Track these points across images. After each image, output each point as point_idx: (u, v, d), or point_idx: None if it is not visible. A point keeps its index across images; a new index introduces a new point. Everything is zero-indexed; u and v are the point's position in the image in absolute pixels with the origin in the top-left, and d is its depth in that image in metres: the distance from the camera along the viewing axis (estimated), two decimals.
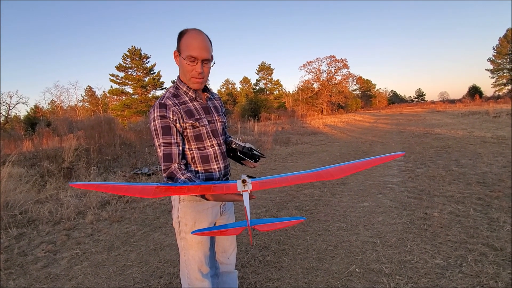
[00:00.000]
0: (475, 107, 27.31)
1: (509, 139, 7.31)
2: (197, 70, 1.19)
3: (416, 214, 3.02)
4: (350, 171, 0.98)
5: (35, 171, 5.49)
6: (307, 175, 0.99)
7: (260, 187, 0.98)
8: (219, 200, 1.11)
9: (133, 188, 0.97)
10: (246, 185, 0.96)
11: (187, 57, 1.17)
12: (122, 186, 0.98)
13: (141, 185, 0.98)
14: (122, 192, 0.95)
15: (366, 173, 4.95)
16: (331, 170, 0.99)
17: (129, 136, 9.97)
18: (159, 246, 2.72)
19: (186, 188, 0.99)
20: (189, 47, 1.17)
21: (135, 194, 0.95)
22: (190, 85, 1.25)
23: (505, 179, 3.92)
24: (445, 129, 11.29)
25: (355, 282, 1.98)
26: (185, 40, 1.18)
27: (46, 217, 3.50)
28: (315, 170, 1.01)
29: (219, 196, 1.07)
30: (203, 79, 1.23)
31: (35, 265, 2.50)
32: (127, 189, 0.96)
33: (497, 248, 2.24)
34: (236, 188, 0.97)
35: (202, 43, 1.18)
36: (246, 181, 0.97)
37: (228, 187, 0.99)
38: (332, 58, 41.87)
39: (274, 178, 1.00)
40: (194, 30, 1.20)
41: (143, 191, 0.95)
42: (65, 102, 36.63)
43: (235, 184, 0.99)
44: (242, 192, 0.96)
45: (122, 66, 30.09)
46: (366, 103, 57.18)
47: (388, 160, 1.00)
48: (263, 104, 32.33)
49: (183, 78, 1.26)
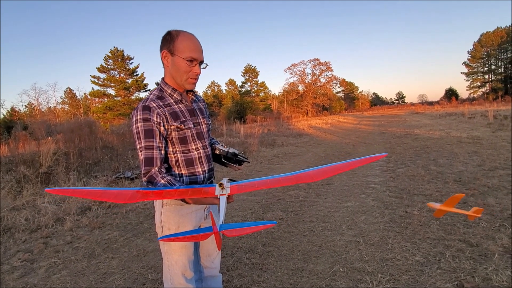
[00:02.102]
0: (451, 109, 28.52)
1: (483, 139, 7.67)
2: (195, 71, 1.21)
3: (397, 213, 3.11)
4: (330, 173, 0.99)
5: (11, 176, 5.23)
6: (287, 178, 0.99)
7: (238, 191, 0.97)
8: (199, 204, 1.09)
9: (108, 193, 0.94)
10: (224, 189, 0.95)
11: (187, 58, 1.18)
12: (97, 191, 0.95)
13: (117, 190, 0.96)
14: (97, 197, 0.93)
15: (350, 174, 5.05)
16: (311, 173, 0.99)
17: (111, 139, 9.69)
18: (142, 252, 2.65)
19: (164, 192, 0.97)
20: (190, 48, 1.18)
21: (110, 199, 0.92)
22: (186, 86, 1.24)
23: (480, 178, 4.11)
24: (424, 130, 11.71)
25: (339, 281, 2.01)
26: (183, 41, 1.18)
27: (22, 224, 3.34)
28: (295, 172, 1.01)
29: (199, 200, 1.06)
30: (197, 80, 1.26)
31: (11, 274, 2.38)
32: (101, 194, 0.94)
33: (473, 244, 2.34)
34: (214, 192, 0.96)
35: (199, 45, 1.22)
36: (224, 185, 0.96)
37: (206, 191, 0.98)
38: (316, 61, 42.61)
39: (254, 181, 1.00)
40: (188, 33, 1.22)
41: (119, 196, 0.93)
42: (43, 104, 35.28)
43: (213, 187, 0.98)
44: (220, 196, 0.95)
45: (104, 67, 29.24)
46: (349, 105, 58.47)
47: (370, 161, 1.01)
48: (249, 106, 32.36)
49: (171, 80, 1.25)
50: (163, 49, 1.21)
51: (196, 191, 0.99)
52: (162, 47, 1.21)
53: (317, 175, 0.98)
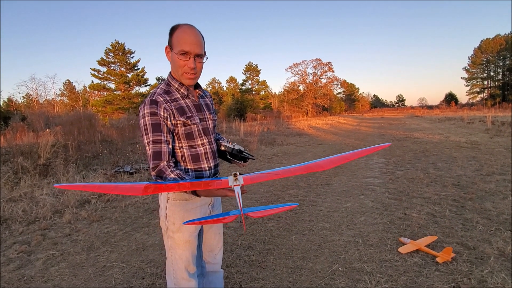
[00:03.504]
0: (451, 113, 28.66)
1: (481, 144, 7.72)
2: (189, 65, 1.17)
3: (396, 215, 3.12)
4: (339, 162, 1.00)
5: (8, 167, 5.20)
6: (298, 168, 1.00)
7: (251, 181, 0.98)
8: (211, 196, 1.09)
9: (121, 187, 0.94)
10: (237, 180, 0.96)
11: (179, 52, 1.15)
12: (110, 186, 0.95)
13: (130, 184, 0.96)
14: (110, 191, 0.93)
15: (349, 175, 5.07)
16: (321, 163, 1.01)
17: (110, 133, 9.65)
18: (142, 246, 2.65)
19: (177, 186, 0.98)
20: (181, 41, 1.14)
21: (124, 192, 0.93)
22: (183, 81, 1.22)
23: (478, 182, 4.14)
24: (424, 133, 11.76)
25: (338, 280, 2.02)
26: (177, 35, 1.15)
27: (19, 216, 3.33)
28: (306, 163, 1.03)
29: (211, 192, 1.05)
30: (195, 75, 1.21)
31: (7, 266, 2.37)
32: (115, 188, 0.94)
33: (471, 247, 2.36)
34: (228, 184, 0.97)
35: (194, 38, 1.16)
36: (237, 176, 0.97)
37: (219, 183, 0.99)
38: (318, 61, 42.57)
39: (266, 173, 1.01)
40: (186, 25, 1.18)
41: (132, 189, 0.93)
42: (42, 96, 35.05)
43: (226, 180, 0.98)
44: (234, 186, 0.96)
45: (104, 60, 29.04)
46: (349, 106, 58.58)
47: (375, 151, 1.05)
48: (249, 104, 32.29)
49: (175, 74, 1.23)
50: (167, 44, 1.21)
51: (209, 183, 1.00)
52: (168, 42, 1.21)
53: (327, 164, 1.00)
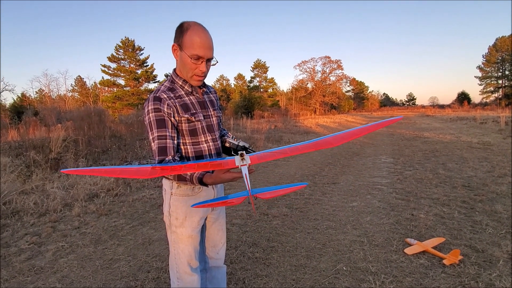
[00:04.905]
0: (463, 113, 27.97)
1: (493, 145, 7.53)
2: (201, 69, 1.17)
3: (403, 215, 3.08)
4: (348, 138, 0.97)
5: (21, 161, 5.34)
6: (306, 146, 0.96)
7: (258, 160, 0.94)
8: (218, 182, 1.06)
9: (127, 171, 0.93)
10: (244, 159, 0.92)
11: (192, 56, 1.14)
12: (116, 169, 0.94)
13: (136, 167, 0.95)
14: (116, 175, 0.92)
15: (356, 174, 5.02)
16: (330, 139, 0.97)
17: (119, 129, 9.79)
18: (148, 241, 2.69)
19: (183, 167, 0.95)
20: (195, 45, 1.13)
21: (130, 175, 0.91)
22: (191, 82, 1.23)
23: (489, 184, 4.04)
24: (434, 133, 11.54)
25: (342, 280, 2.02)
26: (190, 37, 1.14)
27: (31, 208, 3.42)
28: (314, 140, 0.99)
29: (218, 177, 1.03)
30: (204, 77, 1.23)
31: (19, 257, 2.44)
32: (121, 172, 0.93)
33: (479, 249, 2.32)
34: (234, 164, 0.93)
35: (207, 42, 1.15)
36: (244, 155, 0.93)
37: (226, 163, 0.96)
38: (327, 58, 42.08)
39: (273, 151, 0.97)
40: (199, 26, 1.16)
41: (138, 172, 0.92)
42: (54, 91, 35.76)
43: (233, 159, 0.95)
44: (241, 166, 0.92)
45: (114, 57, 29.46)
46: (358, 104, 57.81)
47: (385, 125, 1.01)
48: (256, 101, 32.27)
49: (181, 73, 1.23)
50: (174, 41, 1.19)
51: (216, 164, 0.97)
52: (174, 39, 1.19)
53: (335, 140, 0.96)
